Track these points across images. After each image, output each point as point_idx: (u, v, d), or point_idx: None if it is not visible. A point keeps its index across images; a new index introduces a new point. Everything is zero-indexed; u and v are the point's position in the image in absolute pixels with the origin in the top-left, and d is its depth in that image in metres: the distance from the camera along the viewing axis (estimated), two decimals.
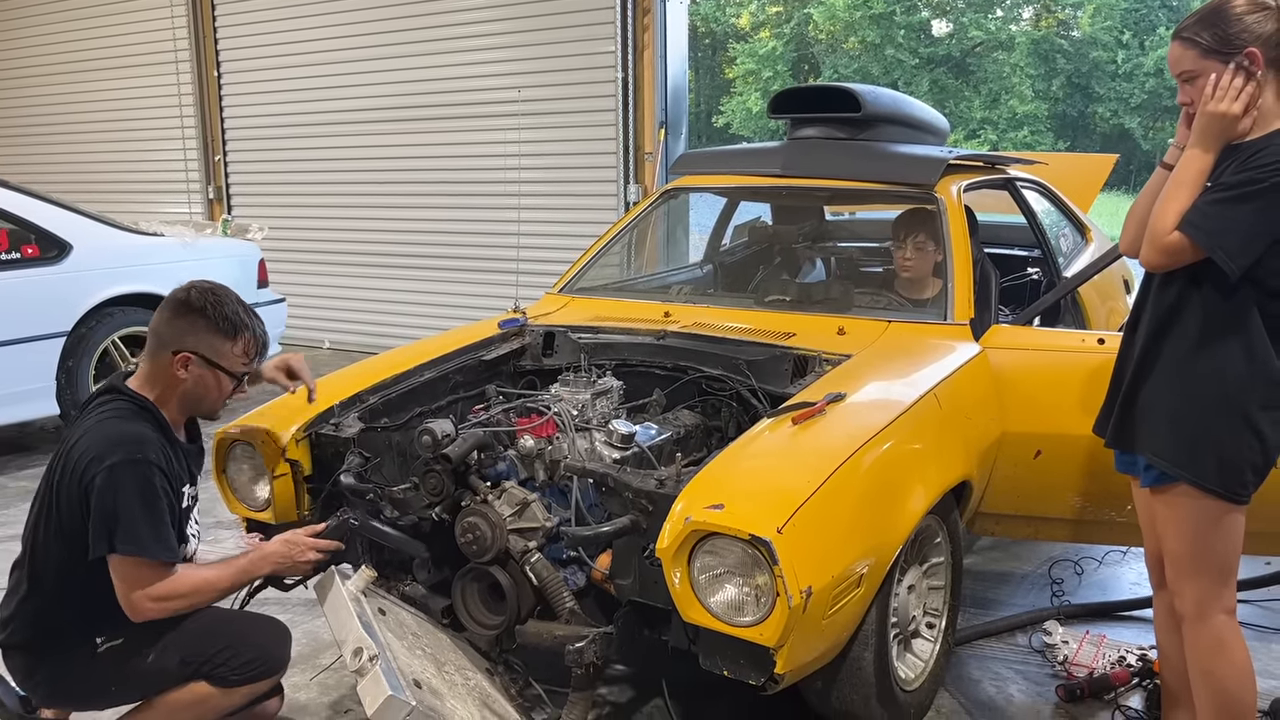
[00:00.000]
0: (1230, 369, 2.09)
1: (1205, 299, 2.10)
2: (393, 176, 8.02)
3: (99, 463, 2.09)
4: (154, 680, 2.23)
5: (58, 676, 2.22)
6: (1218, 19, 2.07)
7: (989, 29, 29.46)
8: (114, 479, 2.09)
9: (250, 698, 2.30)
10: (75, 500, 2.13)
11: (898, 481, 2.43)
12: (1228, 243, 2.01)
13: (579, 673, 2.32)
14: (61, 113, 10.06)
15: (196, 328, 2.23)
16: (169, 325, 2.24)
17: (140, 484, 2.11)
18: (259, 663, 2.26)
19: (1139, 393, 2.23)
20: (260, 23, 8.51)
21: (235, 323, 2.26)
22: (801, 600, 2.01)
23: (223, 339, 2.25)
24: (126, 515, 2.09)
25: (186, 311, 2.24)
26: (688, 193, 4.39)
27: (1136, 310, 2.31)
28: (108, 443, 2.12)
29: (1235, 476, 2.11)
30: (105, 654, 2.22)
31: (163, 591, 2.14)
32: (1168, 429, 2.17)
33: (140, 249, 5.62)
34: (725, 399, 2.98)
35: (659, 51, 6.70)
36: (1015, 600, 3.54)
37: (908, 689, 2.60)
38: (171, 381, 2.24)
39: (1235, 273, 2.02)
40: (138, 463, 2.11)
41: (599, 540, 2.34)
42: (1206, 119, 2.07)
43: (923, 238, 3.48)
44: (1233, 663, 2.21)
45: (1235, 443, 2.10)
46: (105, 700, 2.33)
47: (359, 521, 2.49)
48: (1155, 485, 2.23)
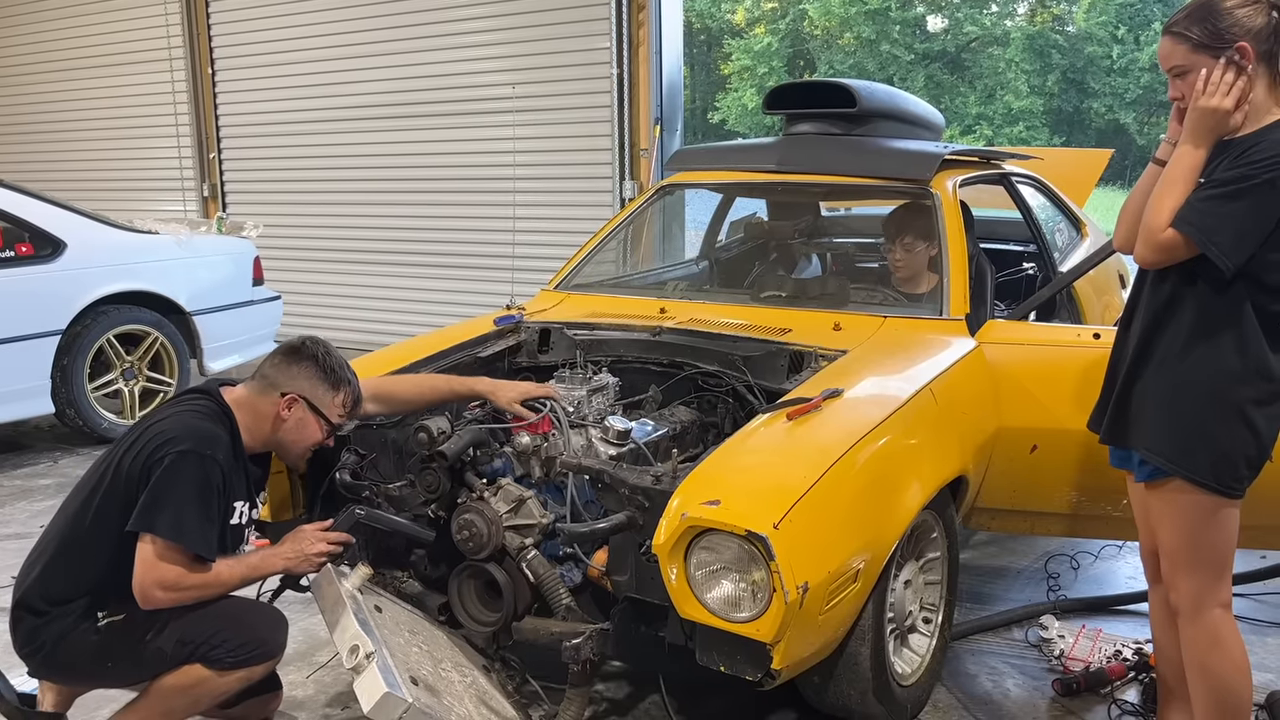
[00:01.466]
0: (1224, 364, 2.09)
1: (1199, 295, 2.10)
2: (388, 173, 8.01)
3: (171, 445, 2.20)
4: (150, 660, 2.24)
5: (58, 646, 2.24)
6: (1208, 13, 2.07)
7: (984, 24, 29.44)
8: (180, 464, 2.19)
9: (245, 683, 2.30)
10: (136, 474, 2.21)
11: (894, 477, 2.44)
12: (1222, 239, 2.01)
13: (576, 669, 2.33)
14: (55, 110, 10.03)
15: (306, 373, 2.40)
16: (280, 369, 2.41)
17: (201, 477, 2.21)
18: (254, 645, 2.27)
19: (1133, 388, 2.24)
20: (254, 19, 8.49)
21: (340, 376, 2.43)
22: (798, 596, 2.01)
23: (327, 388, 2.41)
24: (179, 501, 2.17)
25: (299, 358, 2.41)
26: (683, 189, 4.39)
27: (1130, 306, 2.31)
28: (185, 431, 2.24)
29: (1229, 471, 2.11)
30: (106, 629, 2.25)
31: (176, 581, 2.18)
32: (1162, 424, 2.17)
33: (135, 247, 5.61)
34: (721, 395, 2.98)
35: (654, 48, 6.69)
36: (1011, 595, 3.55)
37: (904, 684, 2.60)
38: (273, 420, 2.38)
39: (1230, 269, 2.02)
40: (205, 457, 2.21)
41: (595, 537, 2.34)
42: (1198, 114, 2.07)
43: (910, 238, 3.49)
44: (1229, 657, 2.21)
45: (1229, 437, 2.11)
46: (101, 677, 2.35)
47: (365, 512, 2.49)
48: (1150, 480, 2.23)
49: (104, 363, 5.45)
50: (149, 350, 5.62)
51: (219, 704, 2.35)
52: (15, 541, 4.13)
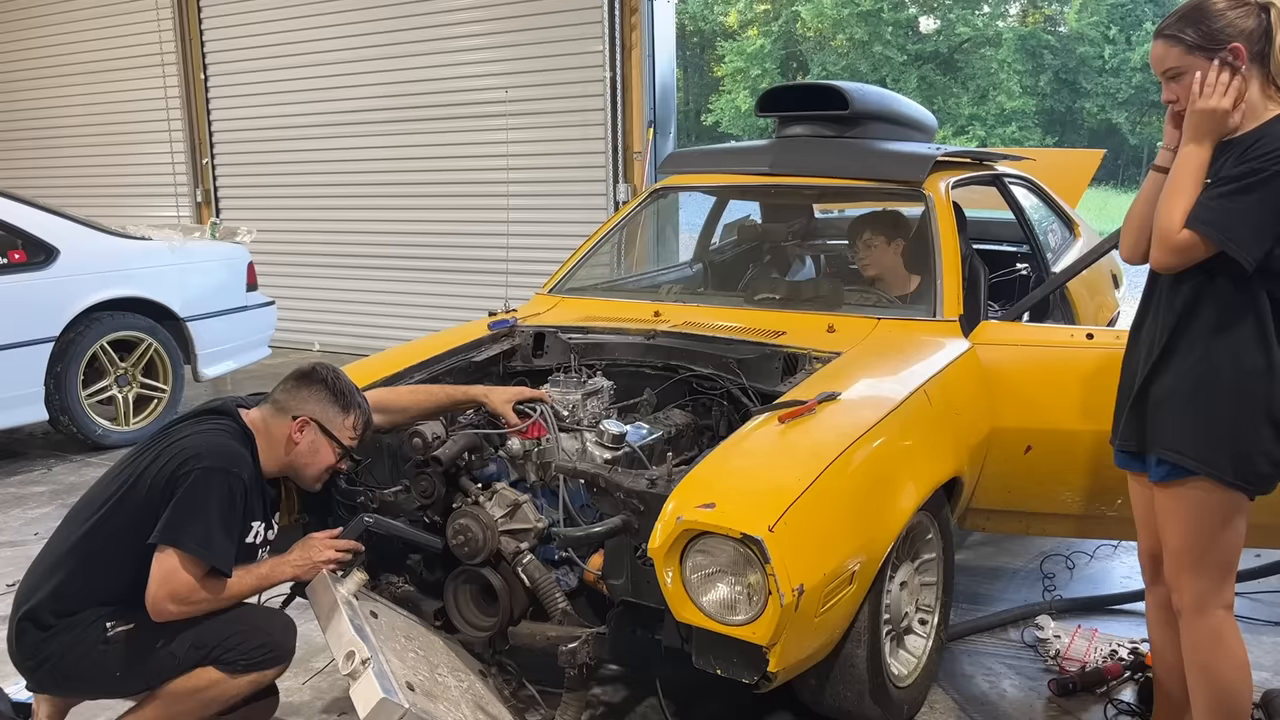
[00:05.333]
0: (1248, 361, 2.08)
1: (1219, 293, 2.09)
2: (381, 178, 8.01)
3: (198, 460, 2.22)
4: (162, 667, 2.24)
5: (64, 657, 2.23)
6: (1200, 16, 2.08)
7: (976, 25, 29.54)
8: (207, 480, 2.21)
9: (255, 687, 2.31)
10: (160, 488, 2.22)
11: (889, 478, 2.44)
12: (1239, 234, 2.01)
13: (572, 673, 2.33)
14: (47, 116, 10.02)
15: (317, 396, 2.42)
16: (291, 394, 2.43)
17: (226, 493, 2.23)
18: (268, 649, 2.28)
19: (1151, 390, 2.21)
20: (247, 24, 8.48)
21: (351, 399, 2.46)
22: (794, 598, 2.01)
23: (338, 410, 2.43)
24: (204, 517, 2.19)
25: (310, 382, 2.44)
26: (677, 192, 4.39)
27: (1141, 312, 2.30)
28: (212, 450, 2.27)
29: (1253, 469, 2.10)
30: (115, 639, 2.24)
31: (189, 595, 2.18)
32: (1185, 423, 2.14)
33: (128, 253, 5.59)
34: (716, 398, 2.98)
35: (646, 51, 6.70)
36: (1007, 595, 3.55)
37: (901, 685, 2.60)
38: (286, 444, 2.39)
39: (1250, 264, 2.01)
40: (230, 474, 2.24)
41: (591, 541, 2.34)
42: (1198, 116, 2.08)
43: (869, 234, 3.55)
44: (1230, 657, 2.21)
45: (1254, 434, 2.09)
46: (107, 688, 2.33)
47: (374, 520, 2.49)
48: (1165, 480, 2.22)
49: (98, 369, 5.43)
50: (143, 357, 5.60)
51: (218, 710, 2.34)
52: (9, 549, 4.12)
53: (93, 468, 5.21)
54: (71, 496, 4.70)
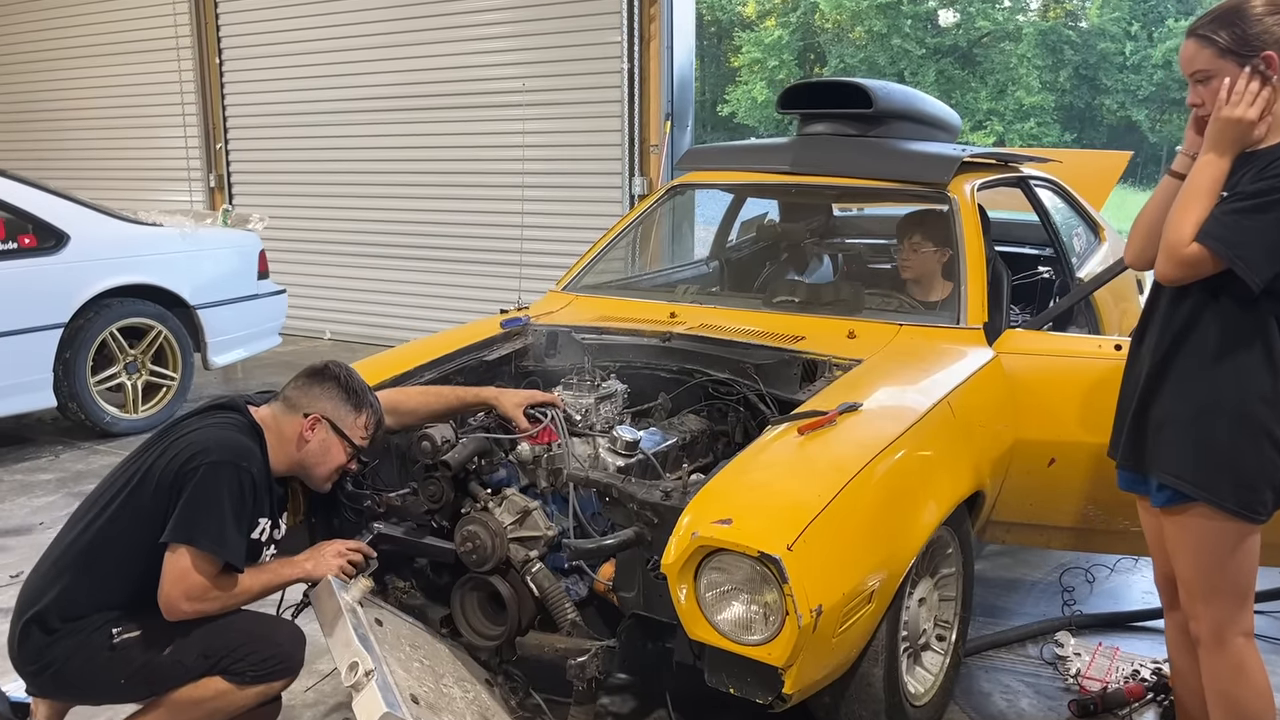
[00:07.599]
0: (1251, 385, 2.02)
1: (1223, 312, 2.03)
2: (396, 167, 7.95)
3: (206, 455, 2.17)
4: (168, 675, 2.20)
5: (67, 663, 2.19)
6: (1237, 18, 2.00)
7: (996, 19, 29.28)
8: (217, 476, 2.16)
9: (262, 698, 2.27)
10: (167, 485, 2.17)
11: (910, 494, 2.37)
12: (1249, 254, 1.94)
13: (581, 687, 2.27)
14: (60, 100, 9.99)
15: (329, 394, 2.37)
16: (303, 391, 2.38)
17: (237, 489, 2.19)
18: (277, 661, 2.24)
19: (1150, 410, 2.16)
20: (263, 9, 8.42)
21: (363, 398, 2.41)
22: (811, 619, 1.94)
23: (350, 409, 2.38)
24: (218, 514, 2.15)
25: (322, 380, 2.39)
26: (694, 189, 4.31)
27: (1144, 323, 2.23)
28: (220, 444, 2.21)
29: (1255, 496, 2.04)
30: (121, 646, 2.19)
31: (203, 593, 2.15)
32: (1185, 448, 2.09)
33: (139, 239, 5.55)
34: (732, 403, 2.91)
35: (665, 42, 6.61)
36: (1025, 608, 3.48)
37: (917, 704, 2.54)
38: (297, 441, 2.34)
39: (1258, 285, 1.95)
40: (239, 468, 2.20)
41: (602, 554, 2.28)
42: (1221, 124, 2.00)
43: (918, 238, 3.43)
44: (1253, 685, 2.15)
45: (1257, 461, 2.03)
46: (111, 694, 2.29)
47: (383, 528, 2.44)
48: (1167, 506, 2.15)
49: (107, 356, 5.40)
50: (152, 344, 5.56)
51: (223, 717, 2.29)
52: (15, 537, 4.09)
53: (100, 455, 5.18)
54: (79, 484, 4.67)
